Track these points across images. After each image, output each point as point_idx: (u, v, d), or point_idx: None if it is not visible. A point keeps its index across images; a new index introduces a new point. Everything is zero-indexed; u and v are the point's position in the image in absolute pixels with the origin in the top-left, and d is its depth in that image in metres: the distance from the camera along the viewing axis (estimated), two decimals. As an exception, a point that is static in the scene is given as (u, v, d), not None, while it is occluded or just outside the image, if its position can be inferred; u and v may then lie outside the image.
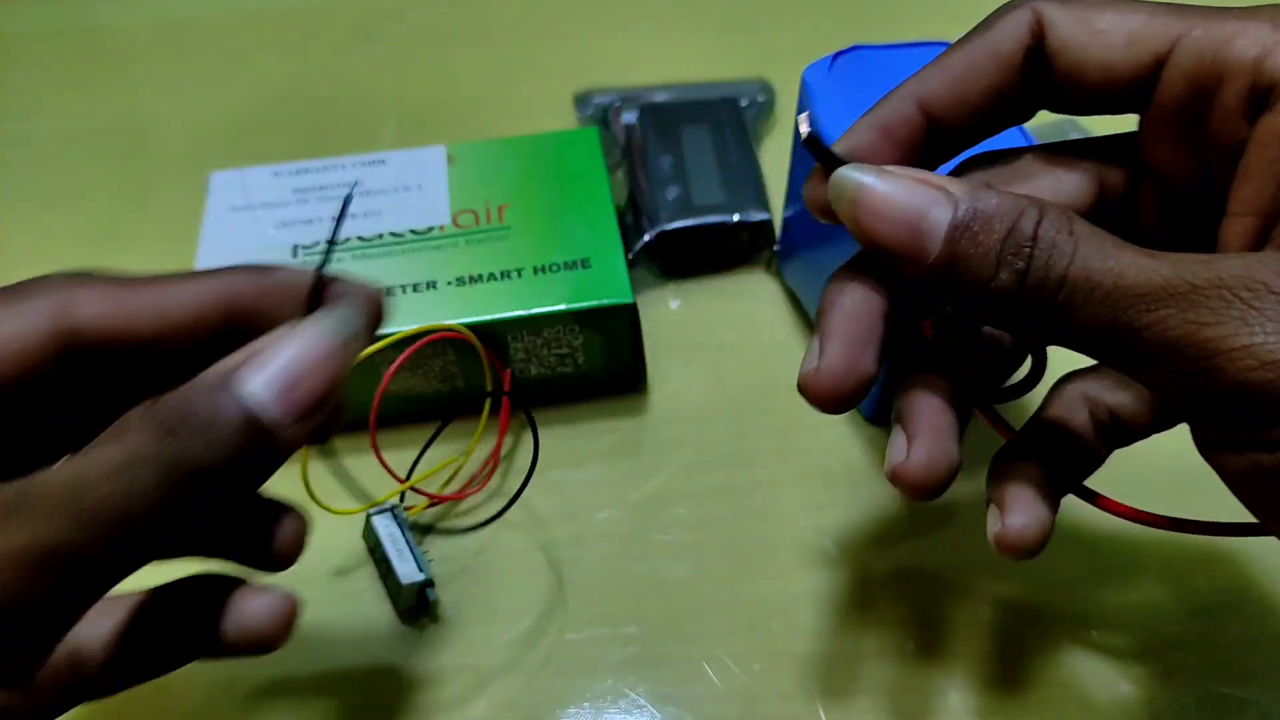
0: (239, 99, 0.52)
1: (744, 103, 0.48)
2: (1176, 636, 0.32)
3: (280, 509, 0.23)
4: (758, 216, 0.41)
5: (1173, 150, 0.22)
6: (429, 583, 0.31)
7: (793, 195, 0.38)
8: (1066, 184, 0.24)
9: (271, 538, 0.23)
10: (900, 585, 0.33)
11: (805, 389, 0.23)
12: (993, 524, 0.24)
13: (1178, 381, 0.18)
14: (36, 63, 0.54)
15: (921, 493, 0.23)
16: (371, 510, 0.33)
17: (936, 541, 0.34)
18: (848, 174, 0.21)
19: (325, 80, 0.53)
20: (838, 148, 0.23)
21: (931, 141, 0.23)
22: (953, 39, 0.35)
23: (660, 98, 0.48)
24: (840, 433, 0.37)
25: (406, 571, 0.31)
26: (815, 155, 0.22)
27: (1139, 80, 0.21)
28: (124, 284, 0.22)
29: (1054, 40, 0.22)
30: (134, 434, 0.18)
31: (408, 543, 0.32)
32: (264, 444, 0.19)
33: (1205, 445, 0.20)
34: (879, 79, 0.33)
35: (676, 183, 0.42)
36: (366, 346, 0.22)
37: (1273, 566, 0.33)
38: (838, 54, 0.34)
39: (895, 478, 0.24)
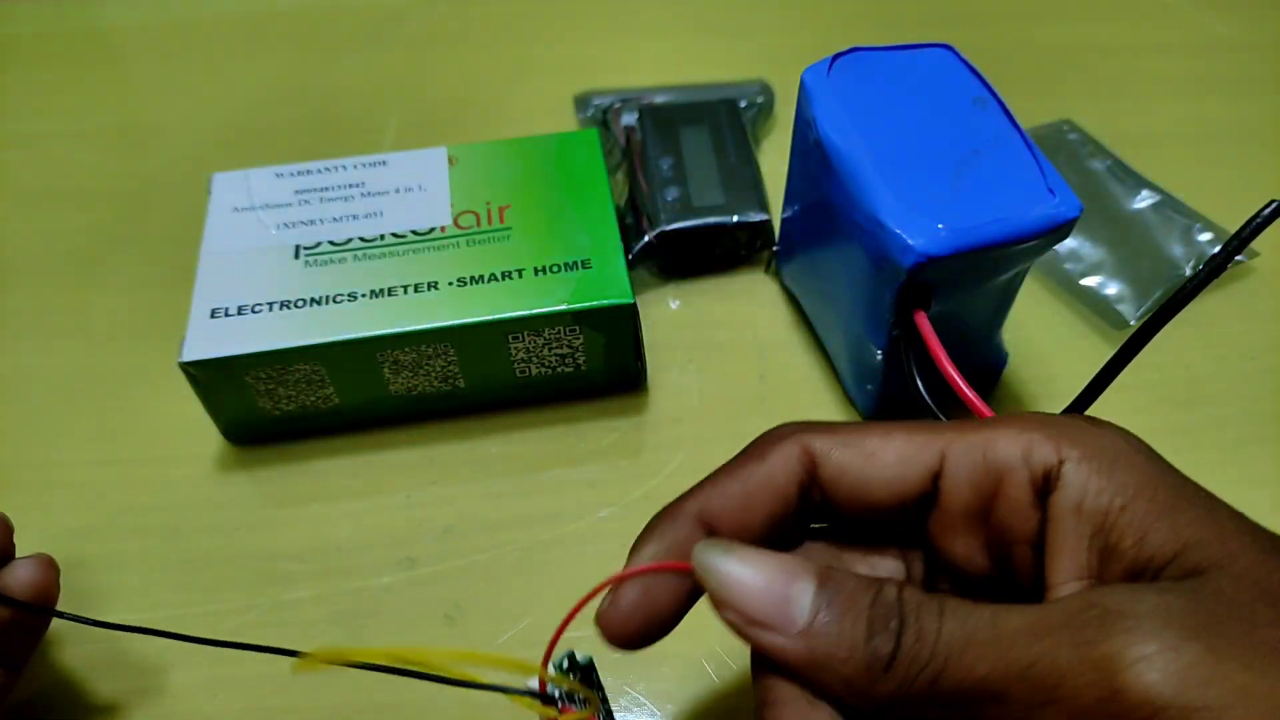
0: (241, 100, 0.52)
1: (743, 104, 0.48)
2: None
3: None
4: (757, 217, 0.41)
5: (965, 545, 0.23)
6: None
7: (791, 196, 0.38)
8: (880, 570, 0.24)
9: None
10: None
11: (598, 623, 0.23)
12: None
13: (1081, 713, 0.18)
14: (37, 63, 0.54)
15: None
16: None
17: (935, 541, 0.34)
18: (703, 551, 0.21)
19: (327, 82, 0.53)
20: (630, 588, 0.24)
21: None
22: (950, 41, 0.36)
23: (660, 99, 0.48)
24: (839, 433, 0.37)
25: None
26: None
27: (919, 495, 0.22)
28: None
29: (828, 469, 0.23)
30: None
31: None
32: None
33: None
34: (878, 81, 0.33)
35: (676, 184, 0.43)
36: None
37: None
38: (837, 56, 0.34)
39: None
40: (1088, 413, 0.26)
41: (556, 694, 0.25)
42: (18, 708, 0.31)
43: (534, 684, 0.24)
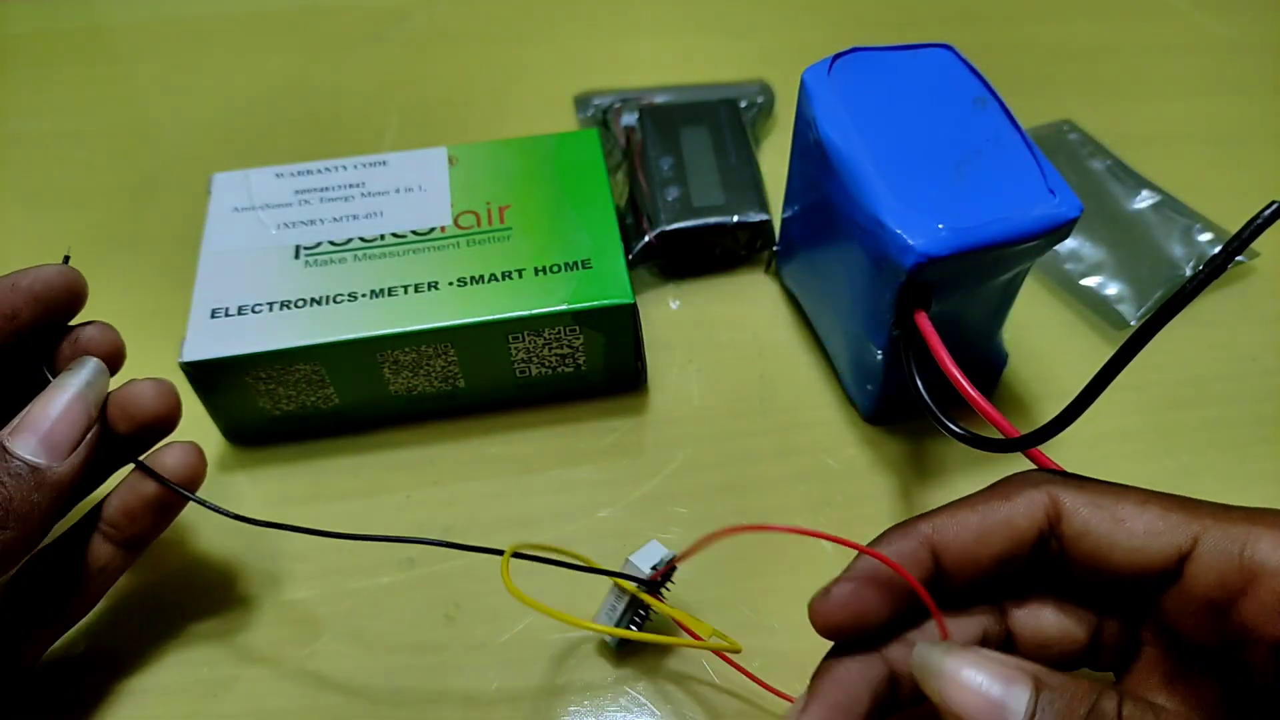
0: (241, 100, 0.52)
1: (743, 104, 0.48)
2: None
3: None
4: (757, 217, 0.41)
5: (1196, 626, 0.22)
6: None
7: (791, 196, 0.38)
8: (1069, 625, 0.25)
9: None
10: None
11: (810, 607, 0.25)
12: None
13: None
14: (37, 63, 0.54)
15: None
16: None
17: (935, 541, 0.34)
18: (923, 652, 0.22)
19: (327, 81, 0.53)
20: (846, 584, 0.25)
21: (931, 585, 0.24)
22: (950, 41, 0.36)
23: (660, 99, 0.48)
24: (839, 432, 0.37)
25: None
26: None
27: (1161, 571, 0.22)
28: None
29: (1072, 525, 0.23)
30: None
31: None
32: (53, 482, 0.26)
33: None
34: (878, 81, 0.33)
35: (676, 184, 0.43)
36: (102, 397, 0.28)
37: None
38: (837, 56, 0.34)
39: None
40: (1087, 413, 0.26)
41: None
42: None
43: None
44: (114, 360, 0.30)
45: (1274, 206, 0.25)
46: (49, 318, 0.29)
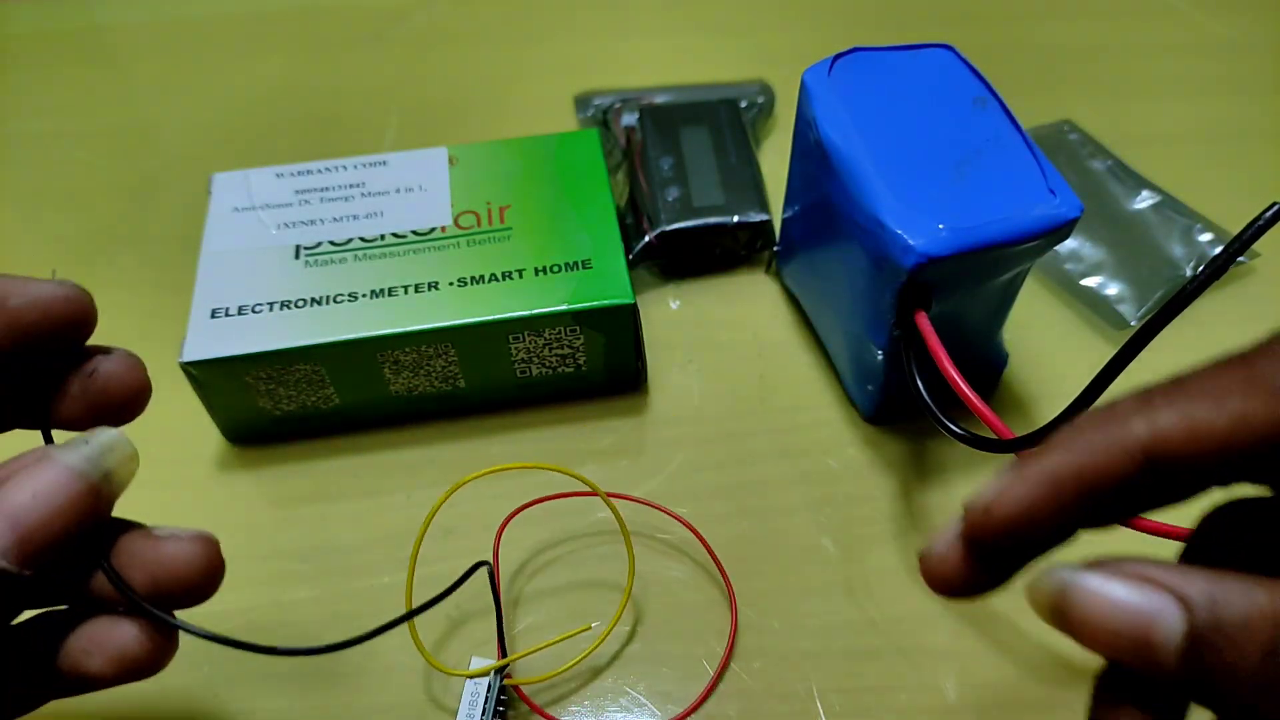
0: (241, 100, 0.52)
1: (744, 104, 0.48)
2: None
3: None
4: (757, 217, 0.41)
5: None
6: None
7: (792, 196, 0.38)
8: None
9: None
10: (900, 583, 0.33)
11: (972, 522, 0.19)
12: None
13: None
14: (38, 63, 0.54)
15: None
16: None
17: (935, 541, 0.34)
18: (1048, 578, 0.18)
19: (327, 82, 0.53)
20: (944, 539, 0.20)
21: (1139, 495, 0.18)
22: (951, 41, 0.36)
23: (660, 99, 0.48)
24: (839, 432, 0.37)
25: None
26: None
27: None
28: None
29: None
30: None
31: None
32: (6, 587, 0.18)
33: None
34: (878, 81, 0.33)
35: (677, 184, 0.43)
36: (124, 487, 0.21)
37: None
38: (837, 56, 0.34)
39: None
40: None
41: None
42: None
43: None
44: (134, 405, 0.23)
45: (1275, 208, 0.25)
46: (41, 348, 0.22)
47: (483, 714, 0.29)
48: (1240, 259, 0.42)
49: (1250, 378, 0.17)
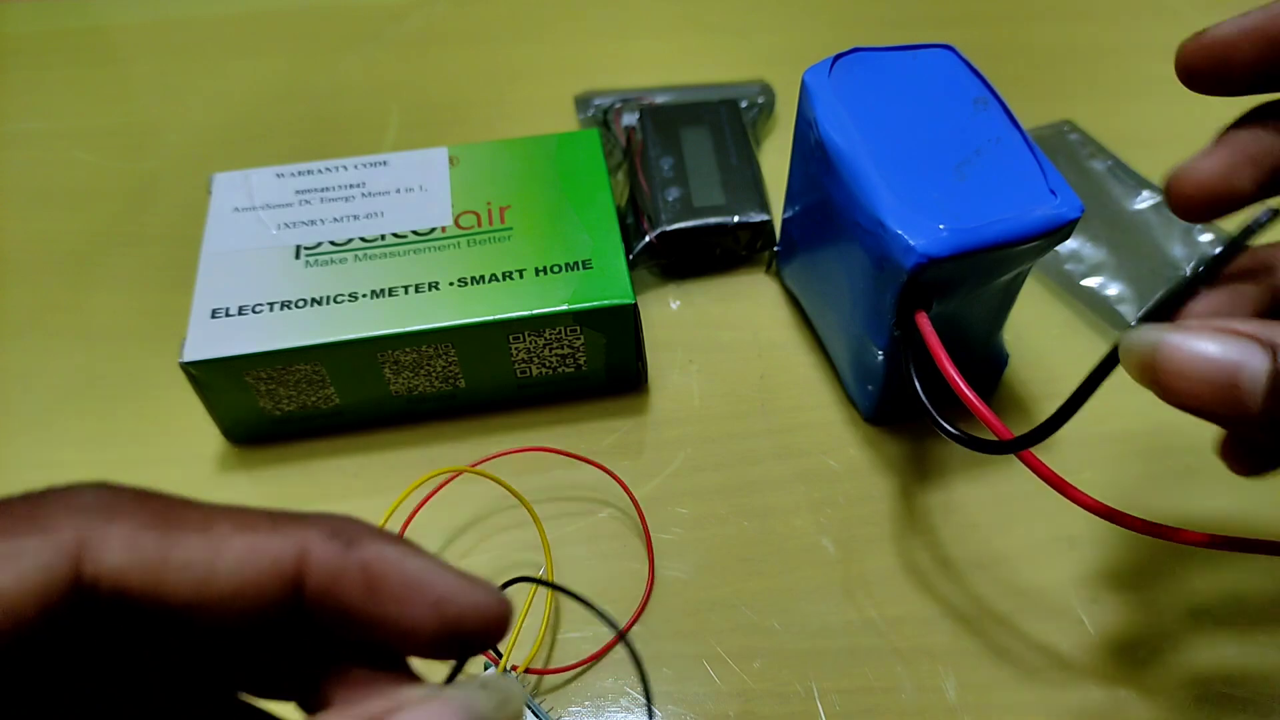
0: (241, 100, 0.52)
1: (744, 104, 0.48)
2: (1175, 635, 0.32)
3: None
4: (757, 218, 0.41)
5: None
6: None
7: (792, 196, 0.38)
8: None
9: None
10: (899, 584, 0.33)
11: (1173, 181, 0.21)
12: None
13: None
14: (38, 63, 0.54)
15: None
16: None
17: (936, 540, 0.34)
18: (1140, 336, 0.19)
19: (328, 82, 0.53)
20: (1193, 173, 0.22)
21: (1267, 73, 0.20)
22: (951, 41, 0.36)
23: (661, 99, 0.48)
24: (840, 432, 0.37)
25: None
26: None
27: None
28: (163, 527, 0.16)
29: None
30: None
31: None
32: None
33: None
34: (879, 81, 0.33)
35: (677, 184, 0.42)
36: None
37: (1273, 566, 0.33)
38: (838, 56, 0.34)
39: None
40: (1087, 414, 0.25)
41: None
42: None
43: None
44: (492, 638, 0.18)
45: (1268, 212, 0.25)
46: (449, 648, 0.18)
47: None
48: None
49: None
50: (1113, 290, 0.41)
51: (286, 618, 0.16)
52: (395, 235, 0.37)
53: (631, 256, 0.41)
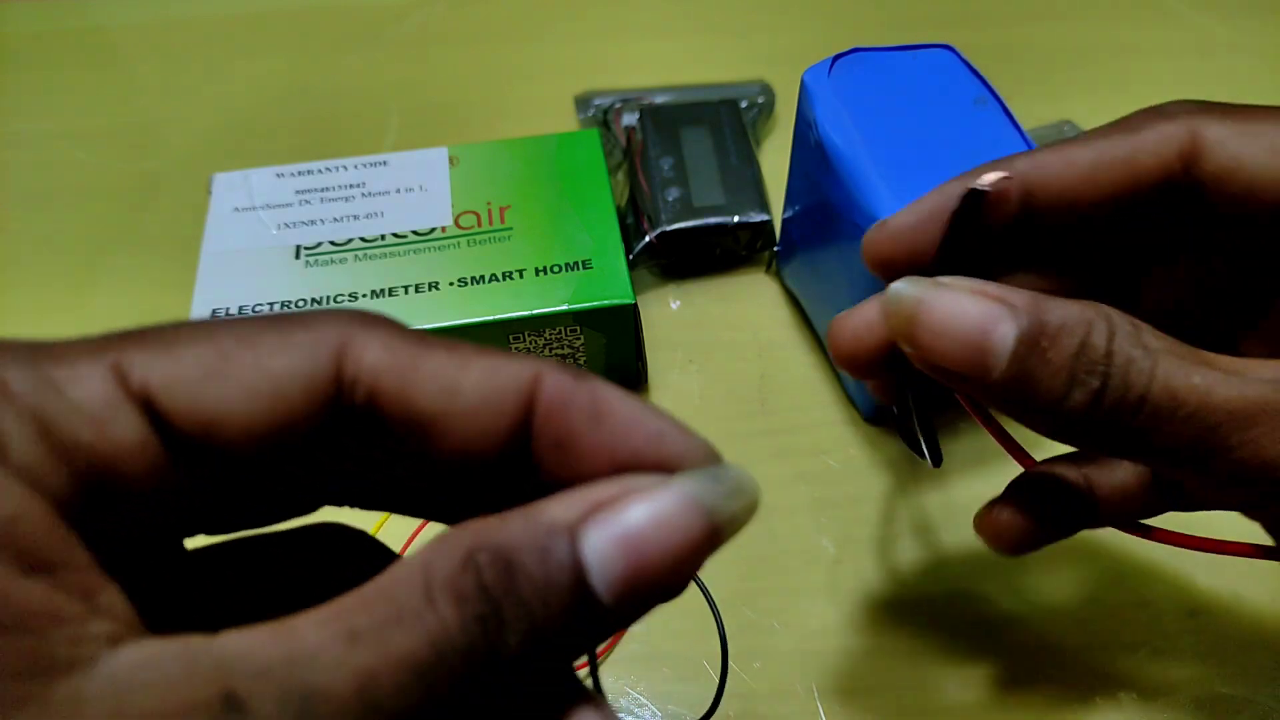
0: (241, 100, 0.52)
1: (744, 104, 0.48)
2: (1176, 635, 0.32)
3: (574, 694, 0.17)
4: (757, 218, 0.41)
5: None
6: None
7: (791, 197, 0.38)
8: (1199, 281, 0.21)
9: None
10: (900, 585, 0.33)
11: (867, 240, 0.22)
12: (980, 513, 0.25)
13: (1269, 502, 0.17)
14: (38, 63, 0.54)
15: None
16: None
17: (936, 541, 0.34)
18: (903, 289, 0.19)
19: (327, 81, 0.53)
20: (924, 203, 0.22)
21: (1016, 226, 0.21)
22: (951, 41, 0.36)
23: (661, 99, 0.48)
24: (840, 432, 0.37)
25: None
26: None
27: None
28: (415, 340, 0.17)
29: (1217, 160, 0.19)
30: (445, 608, 0.14)
31: None
32: (584, 622, 0.15)
33: None
34: (879, 81, 0.33)
35: (677, 184, 0.43)
36: (734, 535, 0.17)
37: (1273, 566, 0.33)
38: (838, 56, 0.34)
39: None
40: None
41: None
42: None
43: None
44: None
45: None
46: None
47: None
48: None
49: (1115, 125, 0.20)
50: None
51: (512, 446, 0.17)
52: (395, 235, 0.37)
53: (631, 256, 0.41)
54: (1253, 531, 0.22)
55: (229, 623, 0.13)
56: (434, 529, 0.30)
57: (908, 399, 0.25)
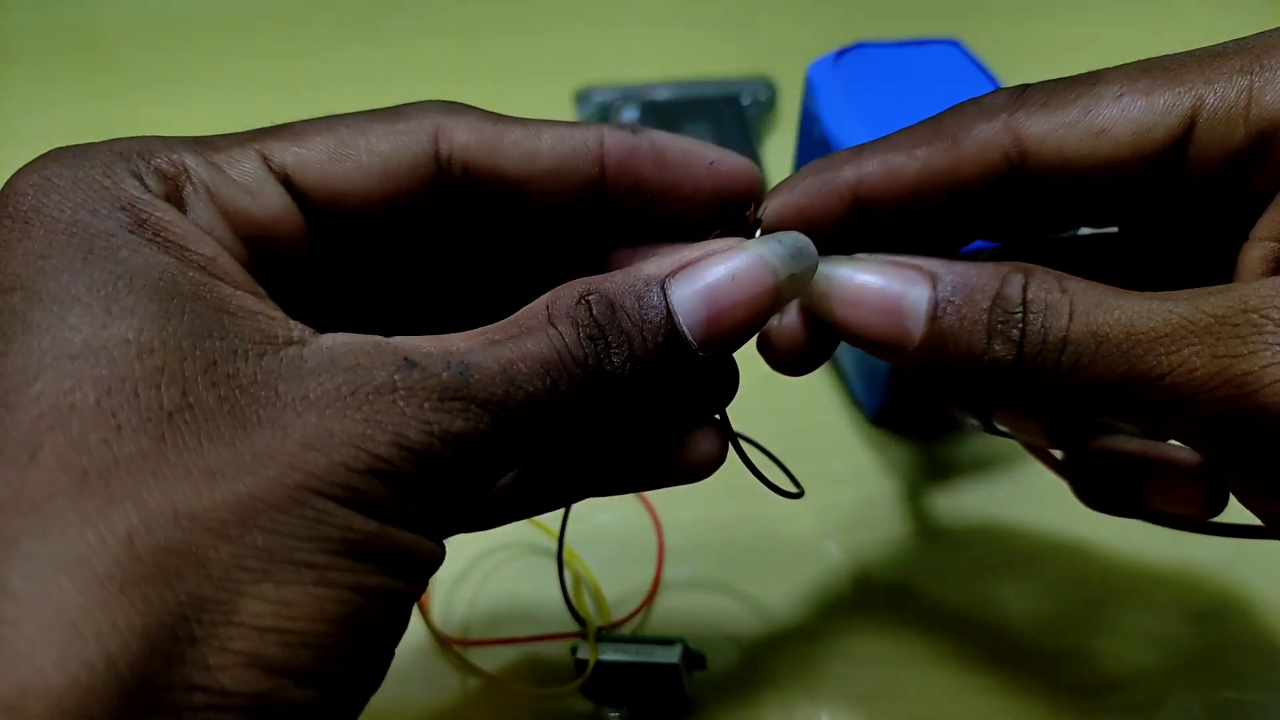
0: (236, 95, 0.51)
1: (745, 100, 0.47)
2: (1180, 640, 0.32)
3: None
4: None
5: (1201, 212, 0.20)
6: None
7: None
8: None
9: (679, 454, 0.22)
10: (901, 586, 0.33)
11: None
12: None
13: (1212, 427, 0.17)
14: (36, 60, 0.54)
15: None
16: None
17: (938, 543, 0.34)
18: (820, 267, 0.20)
19: (322, 76, 0.52)
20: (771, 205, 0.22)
21: (859, 225, 0.21)
22: (956, 35, 0.35)
23: (661, 95, 0.48)
24: (843, 434, 0.37)
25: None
26: None
27: (1155, 169, 0.19)
28: (495, 119, 0.20)
29: (1042, 155, 0.19)
30: (563, 328, 0.18)
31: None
32: (677, 357, 0.18)
33: (1250, 492, 0.19)
34: (883, 76, 0.33)
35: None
36: (796, 295, 0.20)
37: (1276, 570, 0.33)
38: (842, 50, 0.33)
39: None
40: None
41: None
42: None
43: None
44: (752, 194, 0.21)
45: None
46: (724, 208, 0.21)
47: None
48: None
49: (937, 131, 0.20)
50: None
51: (592, 196, 0.20)
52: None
53: (632, 254, 0.41)
54: None
55: None
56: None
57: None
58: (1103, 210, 0.21)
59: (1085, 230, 0.23)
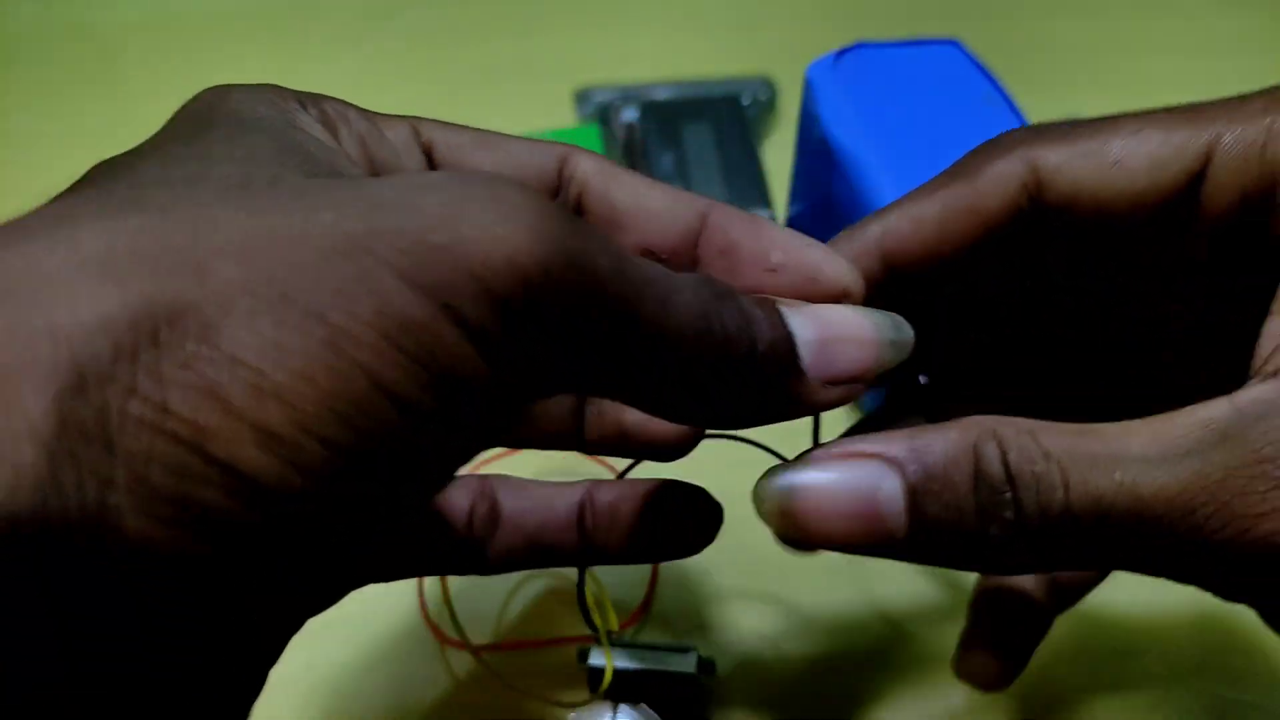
0: (236, 95, 0.51)
1: (746, 100, 0.47)
2: (1180, 639, 0.32)
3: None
4: (761, 215, 0.41)
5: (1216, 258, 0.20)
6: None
7: (795, 193, 0.37)
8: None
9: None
10: (902, 588, 0.33)
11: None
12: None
13: (1240, 583, 0.16)
14: (35, 60, 0.54)
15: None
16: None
17: (941, 544, 0.34)
18: (770, 484, 0.19)
19: (323, 78, 0.52)
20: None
21: (894, 285, 0.21)
22: (956, 35, 0.35)
23: (661, 95, 0.48)
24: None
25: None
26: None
27: (1173, 209, 0.19)
28: (614, 163, 0.21)
29: (1058, 189, 0.19)
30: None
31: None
32: (784, 386, 0.18)
33: (1274, 624, 0.18)
34: (883, 76, 0.33)
35: (678, 181, 0.42)
36: (890, 366, 0.20)
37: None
38: (842, 51, 0.33)
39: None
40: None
41: None
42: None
43: None
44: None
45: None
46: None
47: None
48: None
49: (955, 172, 0.20)
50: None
51: (684, 249, 0.21)
52: (392, 233, 0.37)
53: (632, 254, 0.41)
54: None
55: None
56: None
57: None
58: (1120, 255, 0.20)
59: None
